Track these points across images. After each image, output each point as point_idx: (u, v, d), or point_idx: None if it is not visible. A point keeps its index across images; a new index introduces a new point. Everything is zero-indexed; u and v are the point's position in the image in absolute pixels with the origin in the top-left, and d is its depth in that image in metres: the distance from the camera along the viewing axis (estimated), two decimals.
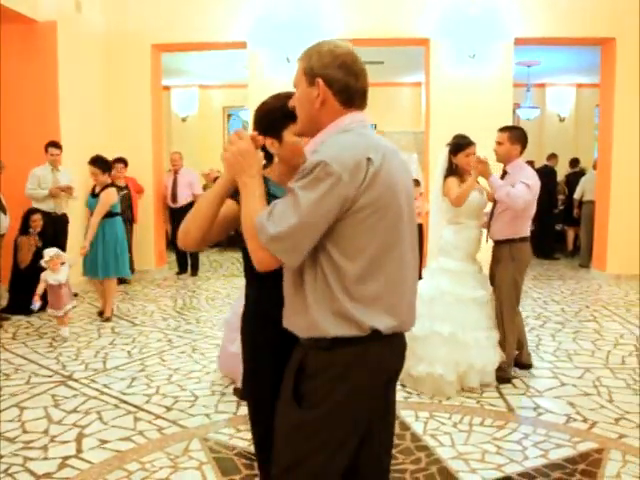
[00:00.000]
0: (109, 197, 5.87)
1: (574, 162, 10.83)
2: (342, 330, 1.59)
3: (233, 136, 1.70)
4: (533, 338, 5.21)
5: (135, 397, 4.00)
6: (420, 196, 8.20)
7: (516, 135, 4.30)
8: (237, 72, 10.42)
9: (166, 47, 8.39)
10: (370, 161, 1.55)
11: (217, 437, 3.38)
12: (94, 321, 5.90)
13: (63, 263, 5.31)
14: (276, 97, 1.97)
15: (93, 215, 5.86)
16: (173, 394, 4.05)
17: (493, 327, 4.16)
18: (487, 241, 4.41)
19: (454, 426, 3.52)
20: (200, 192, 8.83)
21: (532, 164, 7.26)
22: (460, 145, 4.24)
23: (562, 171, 11.08)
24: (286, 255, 1.56)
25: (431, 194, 4.62)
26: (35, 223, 6.28)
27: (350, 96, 1.66)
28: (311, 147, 1.66)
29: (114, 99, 8.19)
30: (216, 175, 10.09)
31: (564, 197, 10.71)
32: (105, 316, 5.97)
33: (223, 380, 4.27)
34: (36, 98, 7.01)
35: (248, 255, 1.68)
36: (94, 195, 5.98)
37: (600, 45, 8.18)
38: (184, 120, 13.46)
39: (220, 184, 1.76)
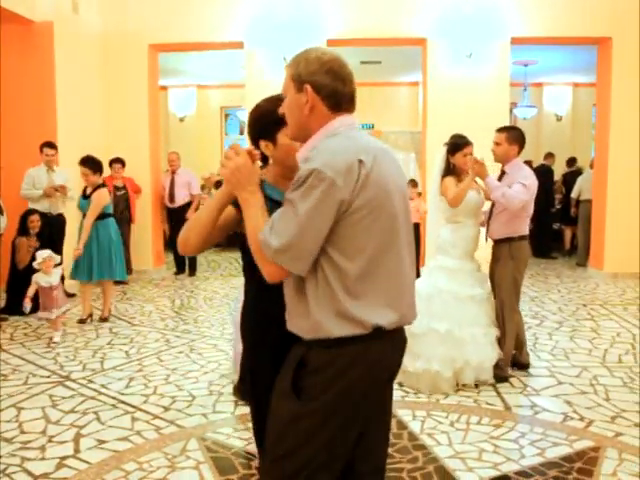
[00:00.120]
0: (101, 198, 5.73)
1: (571, 161, 10.85)
2: (345, 330, 1.61)
3: (229, 151, 1.72)
4: (530, 337, 5.21)
5: (133, 397, 4.00)
6: (418, 196, 8.22)
7: (514, 135, 4.31)
8: (235, 72, 10.42)
9: (163, 47, 8.39)
10: (362, 163, 1.58)
11: (215, 437, 3.39)
12: (92, 321, 5.90)
13: (56, 265, 5.29)
14: (269, 100, 1.98)
15: (86, 217, 5.72)
16: (171, 394, 4.05)
17: (491, 324, 4.17)
18: (486, 240, 4.43)
19: (451, 425, 3.53)
20: (198, 192, 8.84)
21: (530, 163, 7.26)
22: (458, 145, 4.25)
23: (559, 170, 11.10)
24: (293, 264, 1.59)
25: (429, 194, 4.63)
26: (33, 224, 6.25)
27: (338, 101, 1.68)
28: (302, 154, 1.69)
29: (111, 99, 8.19)
30: (217, 179, 10.13)
31: (561, 196, 10.73)
32: (103, 316, 5.97)
33: (221, 380, 4.28)
34: (34, 98, 7.01)
35: (247, 253, 1.70)
36: (85, 196, 5.83)
37: (596, 44, 8.19)
38: (182, 120, 13.45)
39: (219, 196, 1.80)
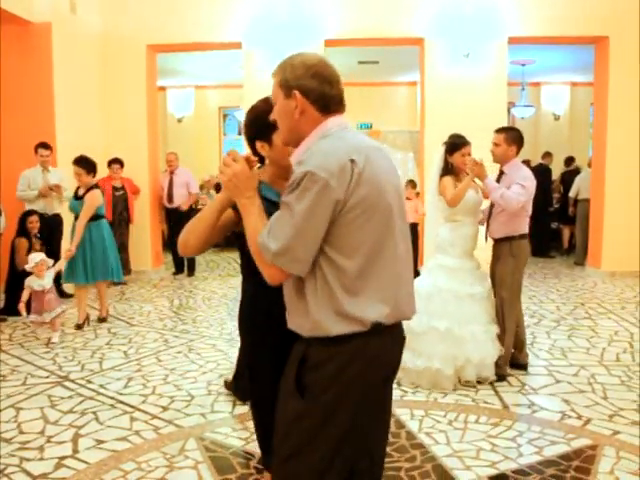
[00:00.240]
0: (94, 199, 5.61)
1: (569, 160, 10.85)
2: (345, 328, 1.63)
3: (227, 158, 1.74)
4: (528, 335, 5.20)
5: (131, 397, 4.00)
6: (417, 196, 8.24)
7: (512, 136, 4.33)
8: (233, 72, 10.41)
9: (161, 47, 8.39)
10: (354, 162, 1.60)
11: (213, 436, 3.39)
12: (90, 322, 5.90)
13: (49, 268, 5.26)
14: (265, 101, 1.99)
15: (79, 218, 5.60)
16: (169, 394, 4.05)
17: (492, 322, 4.18)
18: (486, 240, 4.43)
19: (449, 424, 3.54)
20: (197, 191, 8.86)
21: (528, 163, 7.28)
22: (456, 145, 4.26)
23: (557, 169, 11.10)
24: (292, 266, 1.61)
25: (427, 193, 4.64)
26: (32, 224, 6.25)
27: (327, 103, 1.70)
28: (296, 157, 1.71)
29: (110, 100, 8.19)
30: (216, 181, 10.12)
31: (559, 195, 10.74)
32: (101, 316, 5.97)
33: (219, 380, 4.28)
34: (32, 99, 7.00)
35: (245, 252, 1.72)
36: (77, 197, 5.71)
37: (594, 44, 8.21)
38: (180, 120, 13.45)
39: (219, 200, 1.84)
